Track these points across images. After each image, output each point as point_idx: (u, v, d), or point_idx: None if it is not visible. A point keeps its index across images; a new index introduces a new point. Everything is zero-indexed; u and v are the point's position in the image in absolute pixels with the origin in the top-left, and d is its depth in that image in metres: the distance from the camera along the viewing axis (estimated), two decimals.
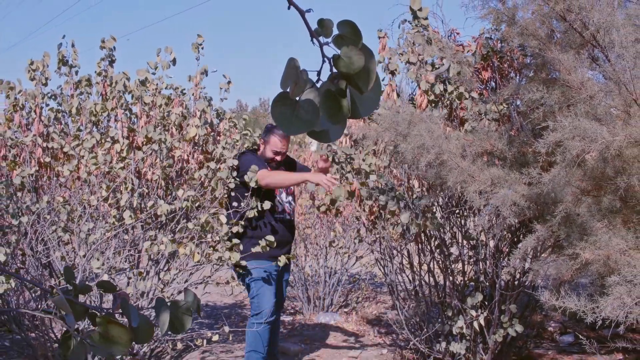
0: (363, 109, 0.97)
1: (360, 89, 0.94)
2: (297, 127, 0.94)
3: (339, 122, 0.95)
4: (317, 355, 4.95)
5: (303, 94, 0.94)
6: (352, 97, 0.96)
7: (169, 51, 4.63)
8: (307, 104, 0.94)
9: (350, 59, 0.91)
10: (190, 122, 4.54)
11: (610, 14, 2.96)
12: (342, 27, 0.93)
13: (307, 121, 0.94)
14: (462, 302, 4.06)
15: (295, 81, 0.92)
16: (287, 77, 0.92)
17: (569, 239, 3.11)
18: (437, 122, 3.71)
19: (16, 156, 4.57)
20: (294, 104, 0.94)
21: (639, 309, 2.63)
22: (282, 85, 0.93)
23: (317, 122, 0.94)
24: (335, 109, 0.94)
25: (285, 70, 0.92)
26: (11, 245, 4.00)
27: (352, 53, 0.91)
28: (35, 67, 4.54)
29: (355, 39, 0.93)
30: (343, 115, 0.95)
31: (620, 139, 2.72)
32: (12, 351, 4.51)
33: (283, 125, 0.94)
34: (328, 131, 0.98)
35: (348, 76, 0.92)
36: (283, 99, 0.93)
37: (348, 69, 0.91)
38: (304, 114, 0.94)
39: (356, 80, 0.93)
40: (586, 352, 4.58)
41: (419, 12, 4.16)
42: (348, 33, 0.93)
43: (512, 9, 3.49)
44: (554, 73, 3.45)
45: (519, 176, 3.28)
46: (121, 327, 0.98)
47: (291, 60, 0.92)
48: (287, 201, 4.20)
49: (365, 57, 0.92)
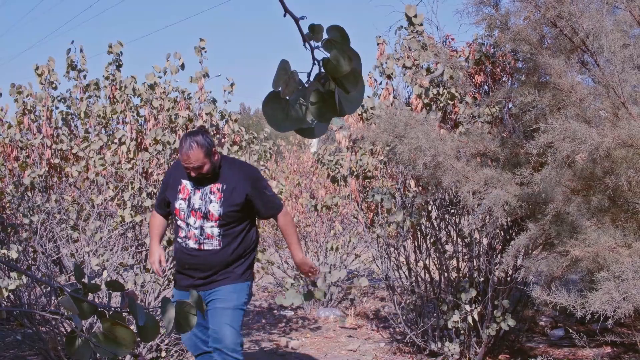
0: (348, 107, 0.99)
1: (347, 90, 0.96)
2: (288, 125, 0.96)
3: (326, 120, 0.97)
4: (318, 349, 4.95)
5: (293, 93, 0.95)
6: (338, 97, 0.97)
7: (178, 57, 4.63)
8: (297, 103, 0.95)
9: (338, 62, 0.93)
10: (197, 124, 4.54)
11: (599, 20, 2.95)
12: (331, 32, 0.95)
13: (297, 119, 0.96)
14: (457, 298, 4.05)
15: (286, 82, 0.93)
16: (279, 77, 0.93)
17: (559, 237, 3.10)
18: (432, 125, 3.71)
19: (27, 157, 4.56)
20: (285, 103, 0.95)
21: (626, 304, 2.62)
22: (274, 85, 0.94)
23: (305, 120, 0.96)
24: (323, 108, 0.96)
25: (277, 71, 0.93)
26: (23, 243, 3.99)
27: (340, 56, 0.93)
28: (41, 71, 4.54)
29: (343, 43, 0.94)
30: (330, 114, 0.97)
31: (608, 141, 2.71)
32: (24, 345, 4.50)
33: (274, 122, 0.96)
34: (313, 128, 0.99)
35: (336, 78, 0.94)
36: (274, 98, 0.95)
37: (336, 72, 0.93)
38: (294, 112, 0.96)
39: (343, 81, 0.95)
40: (576, 346, 4.57)
41: (414, 19, 4.16)
42: (337, 37, 0.94)
43: (505, 15, 3.48)
44: (545, 77, 3.44)
45: (511, 176, 3.27)
46: (126, 328, 0.97)
47: (283, 62, 0.94)
48: (198, 227, 3.07)
49: (353, 60, 0.93)
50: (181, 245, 3.10)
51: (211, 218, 3.04)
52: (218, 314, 3.02)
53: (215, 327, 3.00)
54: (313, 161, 7.60)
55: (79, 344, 0.92)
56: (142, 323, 1.02)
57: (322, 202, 5.58)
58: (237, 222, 3.08)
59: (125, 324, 0.97)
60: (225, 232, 3.05)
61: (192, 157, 2.94)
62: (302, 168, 7.86)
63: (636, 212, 2.98)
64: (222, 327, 2.99)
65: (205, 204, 3.05)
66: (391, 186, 4.48)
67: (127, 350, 0.95)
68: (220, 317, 3.01)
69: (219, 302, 3.05)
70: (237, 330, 3.03)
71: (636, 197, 2.97)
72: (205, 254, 3.05)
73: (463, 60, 4.09)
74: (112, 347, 0.94)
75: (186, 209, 3.07)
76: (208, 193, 3.06)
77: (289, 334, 5.42)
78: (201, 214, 3.05)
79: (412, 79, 4.16)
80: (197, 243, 3.05)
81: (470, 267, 4.13)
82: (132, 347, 0.96)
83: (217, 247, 3.05)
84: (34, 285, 4.26)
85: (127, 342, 0.94)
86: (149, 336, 1.02)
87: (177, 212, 3.10)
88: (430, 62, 4.17)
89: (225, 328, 2.99)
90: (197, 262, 3.07)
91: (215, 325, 3.00)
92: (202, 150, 2.94)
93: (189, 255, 3.08)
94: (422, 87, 4.11)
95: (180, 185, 3.10)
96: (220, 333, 2.98)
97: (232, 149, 4.69)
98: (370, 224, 4.54)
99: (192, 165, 2.97)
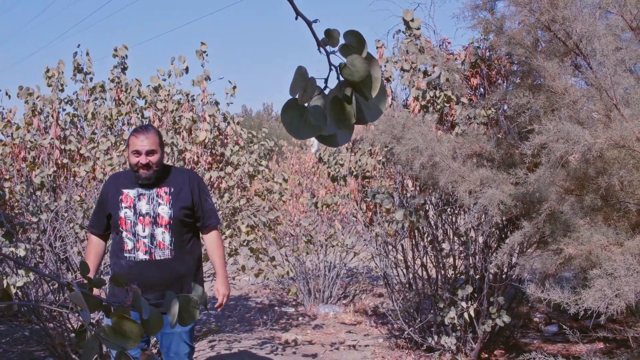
0: (369, 115, 0.96)
1: (365, 96, 0.93)
2: (306, 132, 0.93)
3: (345, 127, 0.95)
4: (318, 344, 4.95)
5: (311, 100, 0.93)
6: (358, 104, 0.95)
7: (182, 60, 4.63)
8: (315, 110, 0.93)
9: (355, 67, 0.90)
10: (200, 126, 4.55)
11: (592, 24, 2.95)
12: (348, 37, 0.93)
13: (316, 126, 0.93)
14: (453, 295, 4.05)
15: (304, 88, 0.91)
16: (296, 84, 0.91)
17: (553, 235, 3.11)
18: (429, 126, 3.71)
19: (35, 158, 4.56)
20: (303, 110, 0.93)
21: (618, 301, 2.62)
22: (291, 92, 0.92)
23: (324, 127, 0.94)
24: (342, 114, 0.93)
25: (295, 78, 0.91)
26: (31, 241, 3.99)
27: (357, 61, 0.90)
28: (51, 74, 4.54)
29: (360, 48, 0.92)
30: (349, 121, 0.94)
31: (601, 142, 2.71)
32: (32, 340, 4.51)
33: (293, 129, 0.93)
34: (336, 136, 0.97)
35: (353, 83, 0.92)
36: (293, 104, 0.92)
37: (353, 77, 0.91)
38: (313, 119, 0.93)
39: (361, 87, 0.92)
40: (569, 342, 4.58)
41: (412, 23, 4.16)
42: (354, 42, 0.92)
43: (500, 19, 3.48)
44: (539, 79, 3.44)
45: (506, 176, 3.27)
46: (133, 322, 0.97)
47: (300, 68, 0.91)
48: (147, 234, 2.83)
49: (370, 65, 0.91)
50: (128, 261, 2.82)
51: (161, 222, 2.82)
52: (176, 338, 2.86)
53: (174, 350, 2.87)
54: (314, 162, 7.60)
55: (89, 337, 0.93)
56: (147, 317, 1.03)
57: (322, 201, 5.58)
58: (187, 230, 2.90)
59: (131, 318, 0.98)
60: (176, 240, 2.85)
61: (148, 139, 2.79)
62: (303, 168, 7.86)
63: (628, 211, 2.98)
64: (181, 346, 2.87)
65: (154, 207, 2.84)
66: (389, 186, 4.49)
67: (134, 343, 0.96)
68: (178, 341, 2.86)
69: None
70: (191, 343, 2.93)
71: (628, 196, 2.97)
72: (157, 264, 2.80)
73: (459, 63, 4.10)
74: (120, 340, 0.95)
75: (133, 217, 2.83)
76: (155, 197, 2.85)
77: (290, 329, 5.43)
78: (150, 219, 2.82)
79: (410, 82, 4.17)
80: (147, 253, 2.80)
81: (466, 264, 4.14)
82: (139, 340, 0.97)
83: (169, 257, 2.82)
84: (41, 283, 4.27)
85: (135, 335, 0.95)
86: (153, 329, 1.02)
87: (123, 222, 2.83)
88: (428, 65, 4.18)
89: (179, 342, 2.87)
90: (148, 275, 2.79)
91: (174, 349, 2.87)
92: (156, 134, 2.85)
93: (138, 270, 2.80)
94: (420, 90, 4.12)
95: (121, 196, 2.87)
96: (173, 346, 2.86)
97: (234, 149, 4.71)
98: (369, 223, 4.54)
99: (146, 147, 2.78)
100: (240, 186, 4.86)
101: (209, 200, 2.98)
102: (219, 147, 4.75)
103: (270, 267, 4.67)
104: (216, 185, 4.69)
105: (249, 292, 7.27)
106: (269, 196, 5.51)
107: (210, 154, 4.71)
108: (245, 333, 5.23)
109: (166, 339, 2.86)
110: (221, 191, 4.68)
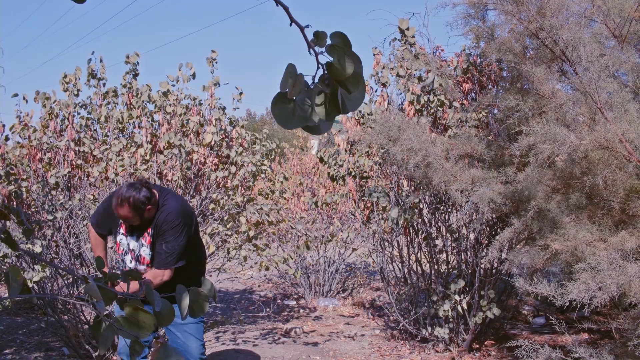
0: (350, 105, 1.00)
1: (349, 90, 0.97)
2: (294, 123, 0.97)
3: (330, 118, 0.98)
4: (318, 335, 4.95)
5: (299, 94, 0.96)
6: (341, 96, 0.98)
7: (190, 66, 4.63)
8: (303, 103, 0.96)
9: (341, 66, 0.93)
10: (207, 129, 4.54)
11: (577, 32, 2.96)
12: (334, 38, 0.95)
13: (303, 117, 0.97)
14: (446, 288, 4.06)
15: (293, 83, 0.94)
16: (286, 79, 0.94)
17: (540, 232, 3.11)
18: (423, 128, 3.71)
19: (51, 159, 4.56)
20: (291, 103, 0.96)
21: (602, 293, 2.62)
22: (281, 86, 0.95)
23: (310, 118, 0.97)
24: (329, 107, 0.97)
25: (285, 74, 0.94)
26: (47, 238, 3.99)
27: (343, 61, 0.93)
28: (69, 79, 4.53)
29: (345, 48, 0.95)
30: (334, 113, 0.98)
31: (586, 143, 2.71)
32: (47, 332, 4.51)
33: (281, 120, 0.97)
34: (319, 125, 1.00)
35: (339, 80, 0.95)
36: (282, 98, 0.95)
37: (339, 75, 0.94)
38: (300, 111, 0.96)
39: (346, 83, 0.96)
40: (556, 333, 4.58)
41: (407, 32, 4.16)
42: (339, 43, 0.95)
43: (491, 27, 3.49)
44: (527, 84, 3.44)
45: (496, 175, 3.27)
46: (146, 312, 0.97)
47: (289, 65, 0.94)
48: (132, 267, 2.84)
49: (354, 63, 0.94)
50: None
51: (142, 261, 2.81)
52: (180, 329, 2.83)
53: (180, 340, 2.83)
54: (314, 162, 7.60)
55: (104, 327, 0.93)
56: (159, 309, 1.03)
57: (322, 200, 5.59)
58: None
59: (145, 309, 0.98)
60: None
61: (121, 213, 2.68)
62: (304, 169, 7.86)
63: (611, 209, 2.98)
64: (188, 338, 2.82)
65: (139, 247, 2.81)
66: (386, 185, 4.49)
67: (147, 332, 0.96)
68: (182, 331, 2.83)
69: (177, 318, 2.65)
70: (202, 341, 2.87)
71: (611, 195, 2.97)
72: None
73: (452, 69, 4.10)
74: (134, 330, 0.95)
75: (125, 246, 2.85)
76: (140, 237, 2.81)
77: (292, 321, 5.43)
78: (134, 255, 2.83)
79: (405, 87, 4.17)
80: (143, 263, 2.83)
81: (458, 260, 4.14)
82: (151, 330, 0.97)
83: None
84: (56, 277, 4.26)
85: (148, 325, 0.95)
86: (165, 320, 1.02)
87: (117, 246, 2.88)
88: (422, 71, 4.18)
89: (190, 339, 2.82)
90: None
91: (180, 339, 2.83)
92: (131, 209, 2.65)
93: None
94: (415, 94, 4.12)
95: (120, 221, 2.82)
96: (186, 345, 2.82)
97: (238, 151, 4.71)
98: (367, 221, 4.54)
99: (122, 218, 2.72)
100: (244, 185, 4.86)
101: (165, 246, 2.73)
102: (225, 149, 4.75)
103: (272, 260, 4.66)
104: (222, 185, 4.69)
105: (252, 286, 7.26)
106: (271, 195, 5.51)
107: (217, 155, 4.71)
108: (249, 325, 5.23)
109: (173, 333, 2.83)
110: (228, 190, 4.69)
